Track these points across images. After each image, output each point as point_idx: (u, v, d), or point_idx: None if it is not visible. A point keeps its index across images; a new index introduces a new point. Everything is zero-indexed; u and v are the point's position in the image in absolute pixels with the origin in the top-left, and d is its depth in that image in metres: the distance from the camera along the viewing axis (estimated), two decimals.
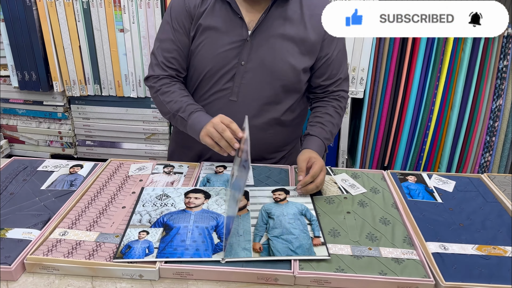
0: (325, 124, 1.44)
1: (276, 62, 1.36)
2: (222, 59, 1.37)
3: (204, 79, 1.41)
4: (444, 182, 1.35)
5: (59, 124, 2.41)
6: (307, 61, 1.40)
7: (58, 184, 1.31)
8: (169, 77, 1.43)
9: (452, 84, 2.11)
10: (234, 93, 1.39)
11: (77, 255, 1.00)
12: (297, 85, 1.43)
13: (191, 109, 1.35)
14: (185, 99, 1.38)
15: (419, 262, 1.01)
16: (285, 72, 1.38)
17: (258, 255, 1.00)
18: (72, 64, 2.22)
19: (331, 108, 1.47)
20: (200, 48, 1.38)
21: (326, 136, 1.42)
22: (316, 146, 1.38)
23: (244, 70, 1.37)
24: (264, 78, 1.38)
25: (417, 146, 2.22)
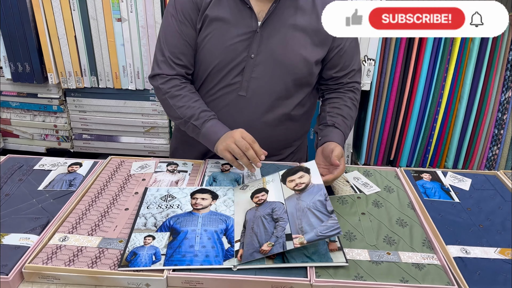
0: (346, 118, 1.37)
1: (287, 54, 1.29)
2: (230, 52, 1.30)
3: (212, 74, 1.34)
4: (460, 180, 1.30)
5: (55, 118, 2.33)
6: (319, 53, 1.33)
7: (56, 184, 1.24)
8: (178, 78, 1.34)
9: (460, 76, 2.06)
10: (243, 88, 1.33)
11: (79, 262, 0.95)
12: (309, 78, 1.36)
13: (204, 117, 1.29)
14: (198, 104, 1.31)
15: (440, 267, 0.96)
16: (297, 65, 1.31)
17: (272, 262, 0.95)
18: (68, 55, 2.14)
19: (349, 101, 1.40)
20: (207, 41, 1.30)
21: (347, 131, 1.36)
22: (341, 141, 1.31)
23: (254, 63, 1.30)
24: (274, 72, 1.31)
25: (424, 139, 2.17)
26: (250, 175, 1.28)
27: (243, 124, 1.36)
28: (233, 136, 1.19)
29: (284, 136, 1.44)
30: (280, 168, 1.33)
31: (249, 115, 1.35)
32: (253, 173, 1.19)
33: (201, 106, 1.31)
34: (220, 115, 1.36)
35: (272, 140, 1.42)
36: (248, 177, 1.28)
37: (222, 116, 1.36)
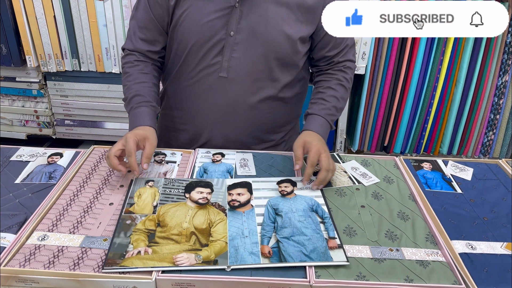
0: (327, 100, 1.30)
1: (269, 31, 1.21)
2: (208, 30, 1.21)
3: (190, 55, 1.26)
4: (461, 170, 1.24)
5: (35, 103, 2.22)
6: (304, 30, 1.25)
7: (35, 177, 1.16)
8: (135, 54, 1.30)
9: (457, 60, 2.00)
10: (224, 68, 1.25)
11: (59, 264, 0.87)
12: (294, 57, 1.28)
13: (132, 104, 1.24)
14: (136, 87, 1.26)
15: (446, 264, 0.91)
16: (279, 43, 1.23)
17: (268, 261, 0.89)
18: (47, 36, 2.03)
19: (334, 81, 1.33)
20: (183, 19, 1.22)
21: (328, 112, 1.28)
22: (316, 126, 1.25)
23: (233, 42, 1.22)
24: (256, 51, 1.23)
25: (419, 124, 2.12)
26: (243, 165, 1.22)
27: (226, 107, 1.29)
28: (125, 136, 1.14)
29: (272, 120, 1.37)
30: (274, 158, 1.27)
31: (232, 98, 1.28)
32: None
33: (139, 90, 1.26)
34: (202, 99, 1.30)
35: (259, 125, 1.35)
36: (241, 167, 1.21)
37: (204, 100, 1.30)
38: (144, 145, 1.14)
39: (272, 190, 1.11)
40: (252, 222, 0.99)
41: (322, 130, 1.25)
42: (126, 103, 1.27)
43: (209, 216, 0.99)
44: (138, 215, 1.00)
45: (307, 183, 1.12)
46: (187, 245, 0.91)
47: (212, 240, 0.92)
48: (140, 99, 1.24)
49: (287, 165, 1.24)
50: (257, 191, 1.10)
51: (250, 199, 1.06)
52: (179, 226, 0.96)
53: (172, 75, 1.35)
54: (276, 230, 0.97)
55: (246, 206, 1.04)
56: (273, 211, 1.03)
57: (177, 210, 1.01)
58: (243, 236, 0.94)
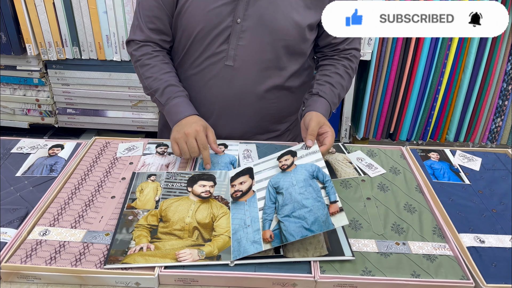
0: (335, 86, 1.26)
1: (277, 18, 1.18)
2: (214, 17, 1.18)
3: (195, 42, 1.23)
4: (469, 159, 1.22)
5: (36, 91, 2.20)
6: (313, 16, 1.21)
7: (36, 169, 1.15)
8: (150, 45, 1.26)
9: (465, 45, 1.95)
10: (230, 57, 1.22)
11: (61, 260, 0.86)
12: (302, 45, 1.25)
13: (169, 94, 1.20)
14: (166, 77, 1.23)
15: (453, 258, 0.89)
16: (288, 31, 1.20)
17: (270, 245, 0.86)
18: (46, 24, 1.99)
19: (342, 68, 1.29)
20: (189, 5, 1.19)
21: (334, 100, 1.26)
22: (325, 110, 1.22)
23: (240, 29, 1.19)
24: (263, 39, 1.20)
25: (426, 111, 2.08)
26: (246, 156, 1.19)
27: (232, 97, 1.26)
28: (187, 133, 1.10)
29: (278, 109, 1.35)
30: (278, 149, 1.24)
31: (238, 87, 1.26)
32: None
33: (169, 80, 1.22)
34: (207, 88, 1.27)
35: (265, 114, 1.33)
36: (244, 158, 1.19)
37: (209, 89, 1.27)
38: (206, 133, 1.14)
39: (273, 168, 1.07)
40: (254, 209, 0.97)
41: (327, 116, 1.22)
42: (158, 94, 1.22)
43: (212, 210, 0.98)
44: (140, 210, 0.98)
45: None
46: (189, 240, 0.89)
47: (215, 234, 0.91)
48: (176, 89, 1.21)
49: None
50: (259, 174, 1.07)
51: (252, 185, 1.04)
52: (181, 221, 0.94)
53: (176, 64, 1.32)
54: (277, 210, 0.94)
55: (248, 194, 1.02)
56: (273, 190, 0.99)
57: (179, 204, 0.99)
58: (245, 226, 0.93)
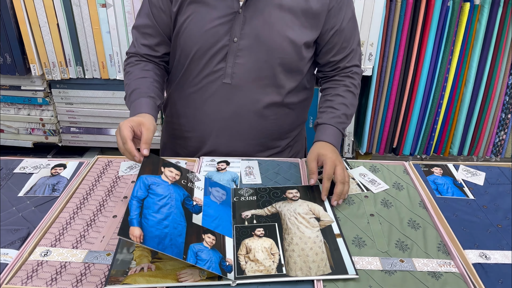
0: (336, 108, 1.27)
1: (273, 37, 1.19)
2: (211, 37, 1.20)
3: (193, 61, 1.24)
4: (473, 174, 1.21)
5: (40, 111, 2.21)
6: (309, 35, 1.22)
7: (38, 189, 1.15)
8: (137, 56, 1.29)
9: (466, 59, 1.95)
10: (228, 75, 1.23)
11: (62, 281, 0.86)
12: (299, 63, 1.26)
13: (131, 99, 1.21)
14: (137, 83, 1.23)
15: (459, 276, 0.88)
16: (284, 49, 1.21)
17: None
18: (50, 44, 2.01)
19: (342, 88, 1.30)
20: (186, 26, 1.21)
21: (338, 120, 1.26)
22: (328, 135, 1.22)
23: (237, 48, 1.20)
24: (260, 57, 1.21)
25: (428, 125, 2.08)
26: (248, 173, 1.19)
27: (230, 114, 1.27)
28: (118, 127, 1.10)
29: (278, 126, 1.35)
30: (280, 165, 1.24)
31: (237, 105, 1.26)
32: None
33: (138, 84, 1.23)
34: (206, 106, 1.28)
35: (265, 132, 1.33)
36: (246, 175, 1.19)
37: (208, 107, 1.28)
38: (140, 130, 1.09)
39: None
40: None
41: (334, 139, 1.22)
42: (126, 100, 1.25)
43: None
44: None
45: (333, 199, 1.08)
46: None
47: None
48: (138, 92, 1.21)
49: (294, 172, 1.22)
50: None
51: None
52: None
53: (175, 82, 1.33)
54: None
55: None
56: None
57: None
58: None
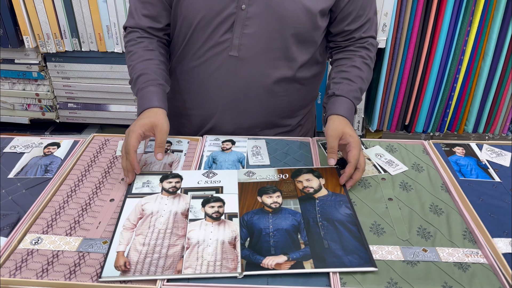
0: (353, 80, 1.16)
1: (285, 3, 1.08)
2: (216, 3, 1.09)
3: (196, 32, 1.14)
4: (498, 154, 1.12)
5: (36, 85, 2.12)
6: (325, 1, 1.11)
7: (30, 170, 1.07)
8: (138, 31, 1.19)
9: (485, 30, 1.83)
10: (234, 46, 1.12)
11: (54, 273, 0.78)
12: (313, 33, 1.15)
13: (138, 85, 1.12)
14: (141, 66, 1.14)
15: (488, 267, 0.80)
16: (298, 17, 1.10)
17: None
18: (44, 15, 1.90)
19: (359, 60, 1.19)
20: None
21: (355, 95, 1.15)
22: (346, 109, 1.11)
23: (245, 16, 1.09)
24: (271, 26, 1.10)
25: (443, 101, 1.98)
26: (255, 154, 1.11)
27: (237, 90, 1.17)
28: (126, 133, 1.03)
29: (288, 103, 1.25)
30: (290, 145, 1.15)
31: (244, 80, 1.16)
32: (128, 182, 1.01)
33: (144, 68, 1.14)
34: (210, 81, 1.19)
35: (274, 109, 1.23)
36: (253, 156, 1.10)
37: (213, 82, 1.18)
38: (153, 133, 1.03)
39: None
40: None
41: (351, 115, 1.12)
42: (132, 84, 1.16)
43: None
44: None
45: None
46: None
47: None
48: (146, 79, 1.12)
49: (304, 152, 1.13)
50: None
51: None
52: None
53: (177, 55, 1.23)
54: None
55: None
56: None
57: None
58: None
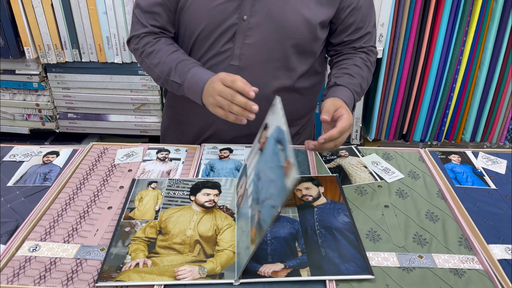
0: (354, 76, 1.17)
1: (286, 15, 1.10)
2: (219, 14, 1.10)
3: (198, 40, 1.16)
4: (493, 162, 1.13)
5: (36, 96, 2.13)
6: (325, 13, 1.13)
7: (29, 178, 1.07)
8: (151, 33, 1.18)
9: (481, 40, 1.85)
10: (235, 56, 1.14)
11: (51, 279, 0.79)
12: (313, 44, 1.17)
13: (182, 69, 1.10)
14: (174, 56, 1.13)
15: (484, 273, 0.80)
16: (297, 28, 1.12)
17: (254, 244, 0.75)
18: (45, 26, 1.93)
19: (359, 60, 1.21)
20: (192, 1, 1.12)
21: (356, 89, 1.16)
22: (346, 97, 1.12)
23: (246, 26, 1.11)
24: (271, 37, 1.12)
25: (440, 110, 1.99)
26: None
27: None
28: (214, 88, 1.01)
29: (287, 113, 1.24)
30: None
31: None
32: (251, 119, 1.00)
33: (179, 57, 1.13)
34: None
35: None
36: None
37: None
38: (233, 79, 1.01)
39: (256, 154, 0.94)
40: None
41: (350, 103, 1.13)
42: (172, 75, 1.12)
43: (215, 221, 0.90)
44: (139, 221, 0.91)
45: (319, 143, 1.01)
46: (190, 255, 0.81)
47: (219, 249, 0.83)
48: (188, 62, 1.11)
49: (301, 160, 1.14)
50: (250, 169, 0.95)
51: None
52: (182, 234, 0.86)
53: None
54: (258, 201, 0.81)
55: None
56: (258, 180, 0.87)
57: (181, 215, 0.91)
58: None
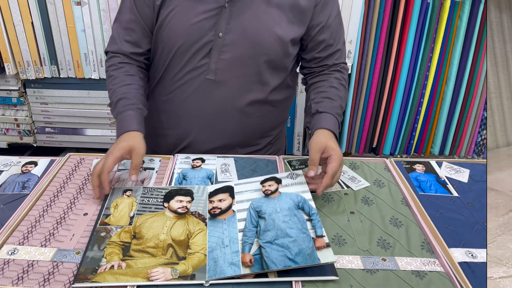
0: (333, 99, 1.22)
1: (260, 32, 1.16)
2: (196, 31, 1.16)
3: (176, 56, 1.20)
4: (456, 171, 1.19)
5: (15, 111, 2.15)
6: (296, 31, 1.20)
7: (8, 187, 1.10)
8: (120, 56, 1.24)
9: (447, 56, 1.95)
10: (211, 70, 1.19)
11: (29, 280, 0.81)
12: (284, 60, 1.23)
13: (118, 108, 1.17)
14: (122, 90, 1.19)
15: (444, 275, 0.85)
16: (271, 45, 1.17)
17: (249, 270, 0.82)
18: (25, 43, 1.95)
19: (335, 81, 1.26)
20: (170, 19, 1.16)
21: (337, 111, 1.20)
22: (331, 124, 1.16)
23: (222, 43, 1.16)
24: (246, 53, 1.18)
25: (409, 124, 2.07)
26: (224, 171, 1.15)
27: (213, 111, 1.23)
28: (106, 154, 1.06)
29: (260, 124, 1.31)
30: (257, 162, 1.21)
31: (219, 102, 1.23)
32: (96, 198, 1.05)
33: (124, 92, 1.18)
34: (187, 103, 1.24)
35: (247, 129, 1.29)
36: (222, 173, 1.15)
37: (190, 103, 1.24)
38: (130, 155, 1.07)
39: (256, 191, 1.04)
40: (233, 229, 0.92)
41: (336, 129, 1.17)
42: (112, 107, 1.20)
43: (188, 226, 0.93)
44: (114, 227, 0.93)
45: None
46: (163, 258, 0.84)
47: (190, 252, 0.86)
48: (126, 103, 1.17)
49: (271, 169, 1.18)
50: (240, 194, 1.03)
51: (232, 204, 1.00)
52: (155, 238, 0.89)
53: (157, 78, 1.28)
54: (259, 235, 0.89)
55: (227, 213, 0.97)
56: (255, 214, 0.95)
57: (154, 220, 0.94)
58: (223, 246, 0.88)
